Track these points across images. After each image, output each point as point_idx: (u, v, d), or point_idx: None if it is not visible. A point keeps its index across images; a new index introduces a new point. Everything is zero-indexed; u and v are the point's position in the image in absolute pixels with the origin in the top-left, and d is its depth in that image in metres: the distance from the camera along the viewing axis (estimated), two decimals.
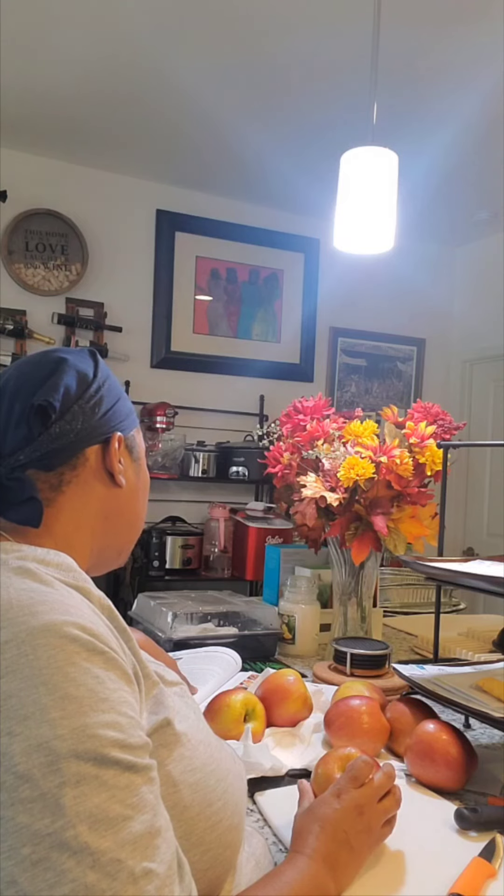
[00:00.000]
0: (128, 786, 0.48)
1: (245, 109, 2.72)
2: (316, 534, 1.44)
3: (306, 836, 0.67)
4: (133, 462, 0.77)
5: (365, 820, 0.69)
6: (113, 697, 0.51)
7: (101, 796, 0.46)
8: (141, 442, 0.80)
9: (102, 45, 2.34)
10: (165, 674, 0.70)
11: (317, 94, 2.58)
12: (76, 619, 0.54)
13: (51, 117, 2.86)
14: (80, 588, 0.61)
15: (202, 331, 3.59)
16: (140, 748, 0.51)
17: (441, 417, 1.42)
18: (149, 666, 0.63)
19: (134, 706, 0.54)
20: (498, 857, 0.73)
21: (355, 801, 0.70)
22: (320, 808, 0.70)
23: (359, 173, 1.52)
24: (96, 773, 0.47)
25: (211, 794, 0.61)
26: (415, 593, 2.06)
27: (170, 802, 0.57)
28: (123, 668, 0.55)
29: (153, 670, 0.66)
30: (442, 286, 4.16)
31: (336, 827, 0.68)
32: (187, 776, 0.59)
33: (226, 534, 3.24)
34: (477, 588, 1.01)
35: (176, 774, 0.58)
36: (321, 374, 3.89)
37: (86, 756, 0.47)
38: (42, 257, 3.23)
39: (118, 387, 0.77)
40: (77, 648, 0.52)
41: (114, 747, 0.48)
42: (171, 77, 2.50)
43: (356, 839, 0.68)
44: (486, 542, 3.92)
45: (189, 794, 0.58)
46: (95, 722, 0.49)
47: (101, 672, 0.52)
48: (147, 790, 0.49)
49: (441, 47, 2.26)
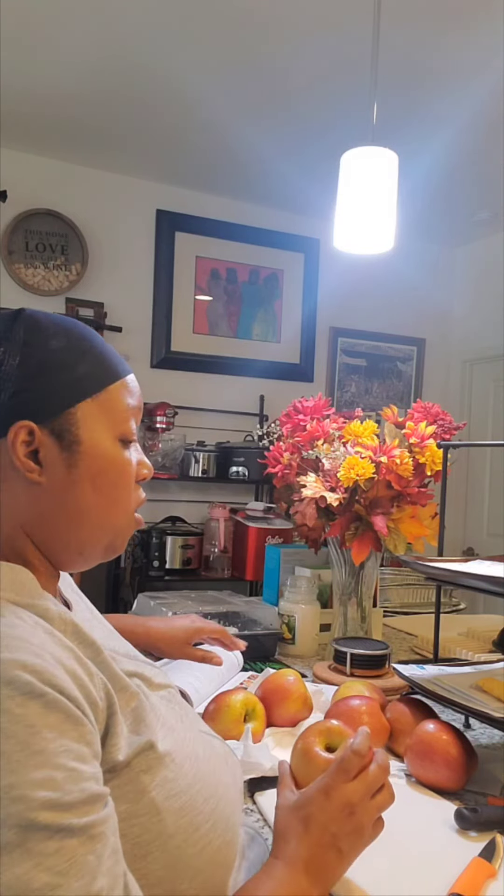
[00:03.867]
0: (57, 851, 0.44)
1: (245, 109, 2.72)
2: (316, 534, 1.44)
3: (289, 839, 0.62)
4: (63, 452, 0.62)
5: (356, 820, 0.62)
6: (49, 749, 0.46)
7: (24, 865, 0.42)
8: (86, 420, 0.63)
9: (103, 46, 2.34)
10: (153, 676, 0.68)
11: (317, 94, 2.58)
12: (16, 655, 0.49)
13: (51, 117, 2.86)
14: (34, 607, 0.56)
15: (202, 331, 3.59)
16: (79, 805, 0.46)
17: (441, 417, 1.42)
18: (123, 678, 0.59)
19: (80, 751, 0.48)
20: (498, 857, 0.73)
21: (346, 799, 0.63)
22: (306, 806, 0.63)
23: (359, 173, 1.52)
24: (21, 840, 0.43)
25: (198, 817, 0.58)
26: (415, 593, 2.06)
27: (153, 833, 0.54)
28: (68, 708, 0.49)
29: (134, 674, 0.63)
30: (442, 286, 4.16)
31: (323, 829, 0.62)
32: (172, 801, 0.56)
33: (226, 534, 3.24)
34: (477, 588, 1.01)
35: (160, 801, 0.55)
36: (321, 374, 3.89)
37: (9, 822, 0.43)
38: (42, 257, 3.22)
39: (43, 357, 0.62)
40: (10, 693, 0.46)
41: (43, 809, 0.44)
42: (172, 77, 2.50)
43: (345, 841, 0.62)
44: (486, 542, 3.92)
45: (174, 821, 0.56)
46: (24, 781, 0.44)
47: (38, 719, 0.47)
48: (85, 851, 0.45)
49: (441, 47, 2.26)
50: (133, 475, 0.67)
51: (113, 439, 0.65)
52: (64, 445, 0.62)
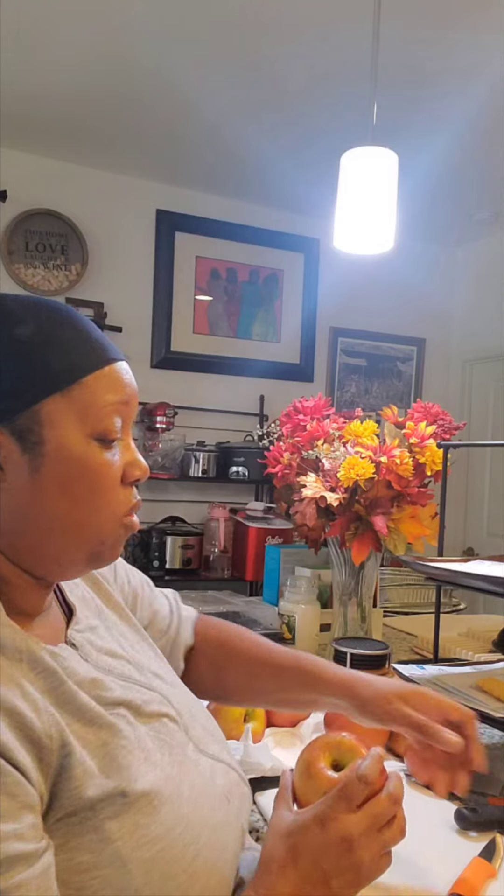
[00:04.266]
0: None
1: (245, 109, 2.71)
2: (316, 534, 1.44)
3: (272, 869, 0.55)
4: (25, 454, 0.56)
5: (354, 857, 0.54)
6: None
7: None
8: (52, 419, 0.56)
9: (103, 45, 2.34)
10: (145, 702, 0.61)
11: (317, 94, 2.57)
12: None
13: (51, 117, 2.86)
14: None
15: (202, 331, 3.59)
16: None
17: (441, 417, 1.42)
18: (96, 710, 0.55)
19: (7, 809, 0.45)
20: (498, 857, 0.73)
21: (345, 832, 0.55)
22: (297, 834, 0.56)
23: (359, 173, 1.52)
24: None
25: (174, 867, 0.52)
26: (415, 593, 2.06)
27: (116, 887, 0.49)
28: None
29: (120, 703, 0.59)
30: (442, 286, 4.15)
31: (314, 863, 0.54)
32: (142, 851, 0.51)
33: (226, 534, 3.24)
34: (477, 588, 1.01)
35: (126, 851, 0.50)
36: (321, 374, 3.89)
37: None
38: (42, 257, 3.22)
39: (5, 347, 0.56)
40: None
41: None
42: (172, 77, 2.50)
43: (338, 880, 0.54)
44: (486, 542, 3.91)
45: (143, 873, 0.50)
46: None
47: None
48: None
49: (441, 47, 2.26)
50: (114, 477, 0.60)
51: (86, 439, 0.57)
52: (27, 447, 0.56)
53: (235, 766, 0.68)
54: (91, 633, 0.66)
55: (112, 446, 0.60)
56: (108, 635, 0.68)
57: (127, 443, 0.62)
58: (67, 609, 0.68)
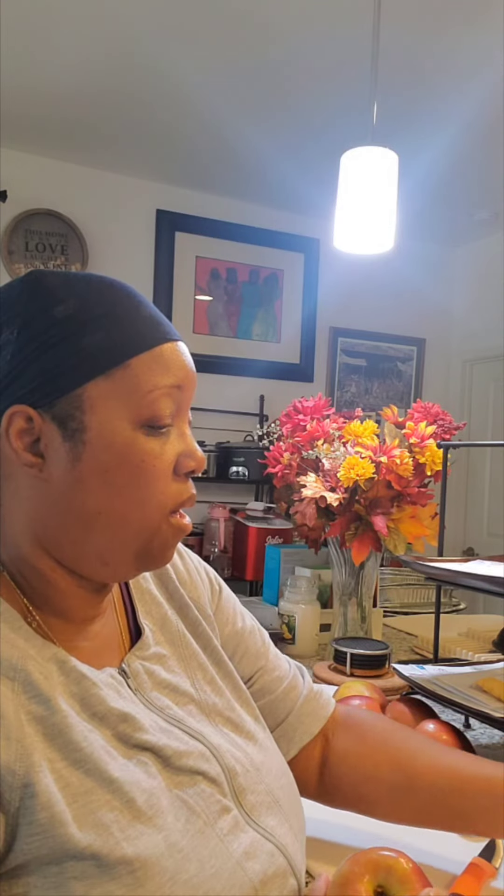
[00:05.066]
0: None
1: (245, 109, 2.71)
2: (316, 534, 1.44)
3: None
4: (66, 441, 0.52)
5: None
6: None
7: None
8: (95, 403, 0.52)
9: (103, 45, 2.34)
10: (181, 755, 0.53)
11: (317, 94, 2.58)
12: None
13: (51, 117, 2.86)
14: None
15: (202, 331, 3.59)
16: None
17: (441, 417, 1.42)
18: (87, 750, 0.48)
19: None
20: (498, 857, 0.73)
21: None
22: None
23: (359, 173, 1.52)
24: None
25: None
26: (415, 593, 2.06)
27: None
28: None
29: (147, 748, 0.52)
30: (442, 286, 4.15)
31: None
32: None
33: (226, 534, 3.24)
34: (477, 588, 1.01)
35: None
36: (321, 374, 3.89)
37: None
38: (42, 257, 3.22)
39: (44, 327, 0.52)
40: None
41: None
42: (172, 77, 2.50)
43: None
44: (486, 542, 3.91)
45: None
46: None
47: None
48: None
49: (441, 47, 2.26)
50: (163, 468, 0.55)
51: (132, 425, 0.53)
52: (67, 434, 0.52)
53: (291, 850, 0.56)
54: (157, 664, 0.60)
55: (162, 434, 0.55)
56: (178, 667, 0.62)
57: (182, 431, 0.57)
58: (136, 630, 0.62)
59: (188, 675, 0.62)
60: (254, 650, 0.74)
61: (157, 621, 0.64)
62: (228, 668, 0.67)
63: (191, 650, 0.64)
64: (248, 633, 0.74)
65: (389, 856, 0.55)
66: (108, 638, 0.59)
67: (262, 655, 0.74)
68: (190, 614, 0.67)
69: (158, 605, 0.65)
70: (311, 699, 0.74)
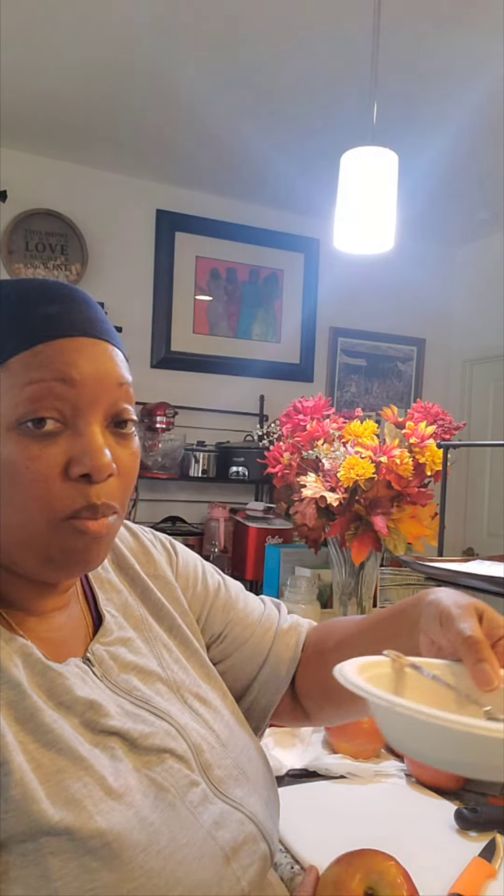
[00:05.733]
0: None
1: (245, 109, 2.71)
2: (316, 534, 1.44)
3: None
4: None
5: None
6: None
7: None
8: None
9: (102, 46, 2.34)
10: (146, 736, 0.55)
11: (317, 94, 2.57)
12: None
13: (51, 117, 2.86)
14: None
15: (202, 331, 3.59)
16: None
17: (441, 417, 1.42)
18: (56, 733, 0.49)
19: None
20: (498, 857, 0.73)
21: None
22: None
23: (359, 173, 1.52)
24: None
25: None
26: (415, 593, 2.06)
27: None
28: None
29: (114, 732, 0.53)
30: (442, 286, 4.15)
31: None
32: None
33: (226, 534, 3.24)
34: (477, 588, 1.01)
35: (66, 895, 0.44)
36: (321, 374, 3.89)
37: None
38: (42, 257, 3.22)
39: None
40: None
41: None
42: (171, 77, 2.50)
43: None
44: (486, 543, 3.91)
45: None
46: None
47: None
48: None
49: (441, 47, 2.26)
50: (45, 471, 0.51)
51: (7, 427, 0.51)
52: None
53: (261, 817, 0.59)
54: (121, 647, 0.61)
55: (44, 435, 0.51)
56: (145, 647, 0.63)
57: (80, 431, 0.52)
58: (100, 618, 0.63)
59: (155, 654, 0.63)
60: (220, 604, 0.75)
61: (119, 608, 0.65)
62: (194, 646, 0.68)
63: (154, 633, 0.66)
64: (213, 591, 0.76)
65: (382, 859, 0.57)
66: (72, 629, 0.60)
67: (231, 608, 0.76)
68: (152, 597, 0.68)
69: (118, 593, 0.66)
70: (286, 631, 0.76)
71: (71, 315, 0.53)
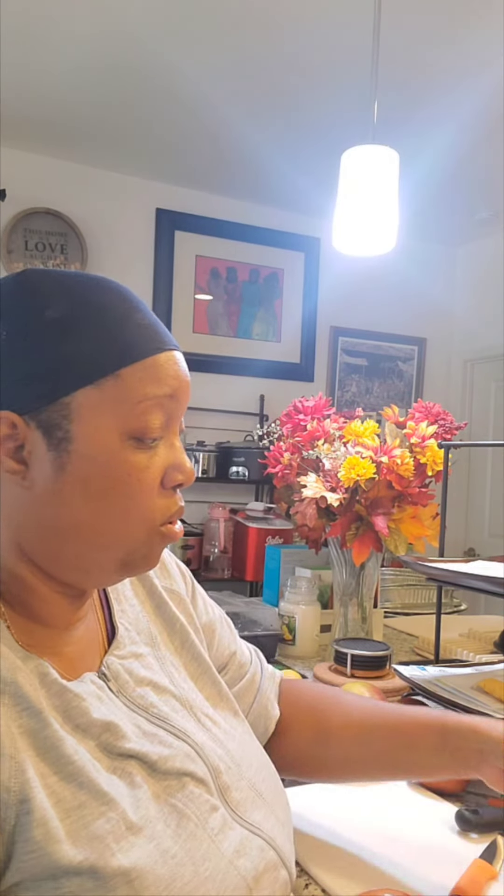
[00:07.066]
0: None
1: (245, 108, 2.71)
2: (316, 534, 1.43)
3: None
4: (50, 450, 0.50)
5: None
6: None
7: None
8: (83, 413, 0.50)
9: (102, 45, 2.33)
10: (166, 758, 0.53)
11: (317, 94, 2.57)
12: None
13: (51, 116, 2.86)
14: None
15: (202, 330, 3.59)
16: None
17: (442, 417, 1.41)
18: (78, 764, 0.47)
19: None
20: (499, 858, 0.73)
21: None
22: None
23: (359, 172, 1.51)
24: None
25: None
26: (416, 594, 2.05)
27: None
28: None
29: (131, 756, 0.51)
30: (442, 286, 4.15)
31: None
32: None
33: (226, 534, 3.24)
34: (478, 589, 1.00)
35: None
36: (321, 374, 3.89)
37: None
38: (41, 256, 3.22)
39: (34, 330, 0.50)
40: None
41: None
42: (171, 76, 2.50)
43: None
44: (487, 543, 3.91)
45: None
46: None
47: None
48: None
49: (442, 46, 2.25)
50: (150, 482, 0.53)
51: (120, 437, 0.52)
52: (52, 443, 0.50)
53: (279, 842, 0.57)
54: (134, 661, 0.60)
55: (151, 446, 0.54)
56: (156, 664, 0.62)
57: (171, 442, 0.55)
58: (112, 630, 0.62)
59: (166, 671, 0.62)
60: (226, 638, 0.76)
61: (131, 621, 0.64)
62: (206, 663, 0.67)
63: (166, 648, 0.65)
64: (218, 623, 0.76)
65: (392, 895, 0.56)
66: (89, 641, 0.59)
67: (232, 643, 0.77)
68: (167, 611, 0.67)
69: (132, 606, 0.65)
70: (270, 675, 0.78)
71: (161, 327, 0.56)
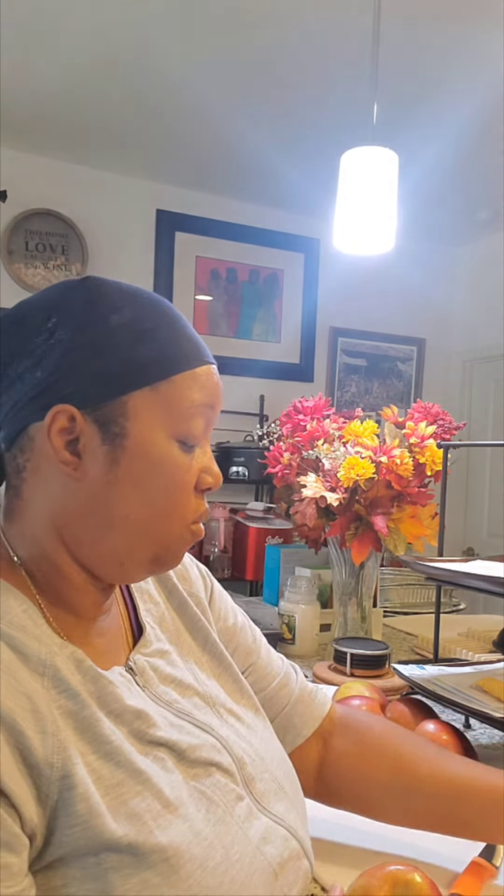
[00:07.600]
0: None
1: (245, 109, 2.71)
2: (316, 534, 1.44)
3: None
4: (105, 444, 0.54)
5: None
6: None
7: None
8: (138, 412, 0.54)
9: (102, 45, 2.34)
10: (195, 748, 0.55)
11: (317, 94, 2.57)
12: None
13: (51, 117, 2.86)
14: (11, 639, 0.49)
15: (202, 331, 3.59)
16: None
17: (441, 417, 1.42)
18: (116, 744, 0.49)
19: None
20: (498, 857, 0.73)
21: None
22: None
23: (359, 173, 1.52)
24: None
25: None
26: (415, 593, 2.06)
27: None
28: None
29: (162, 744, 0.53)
30: (442, 286, 4.15)
31: None
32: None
33: (226, 534, 3.24)
34: (477, 588, 1.01)
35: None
36: (321, 374, 3.89)
37: None
38: (42, 257, 3.22)
39: (99, 333, 0.54)
40: None
41: None
42: (171, 76, 2.50)
43: None
44: (486, 543, 3.91)
45: None
46: None
47: None
48: None
49: (441, 47, 2.25)
50: (189, 482, 0.58)
51: (168, 438, 0.56)
52: (108, 438, 0.54)
53: (301, 833, 0.60)
54: (159, 659, 0.62)
55: (192, 450, 0.58)
56: (180, 662, 0.64)
57: (204, 448, 0.60)
58: (138, 628, 0.63)
59: (189, 669, 0.64)
60: (245, 647, 0.76)
61: (156, 620, 0.66)
62: (227, 661, 0.69)
63: (189, 647, 0.67)
64: (239, 630, 0.76)
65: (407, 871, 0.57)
66: (115, 635, 0.61)
67: (253, 652, 0.76)
68: (189, 611, 0.69)
69: (157, 605, 0.68)
70: (302, 701, 0.76)
71: (201, 340, 0.60)
